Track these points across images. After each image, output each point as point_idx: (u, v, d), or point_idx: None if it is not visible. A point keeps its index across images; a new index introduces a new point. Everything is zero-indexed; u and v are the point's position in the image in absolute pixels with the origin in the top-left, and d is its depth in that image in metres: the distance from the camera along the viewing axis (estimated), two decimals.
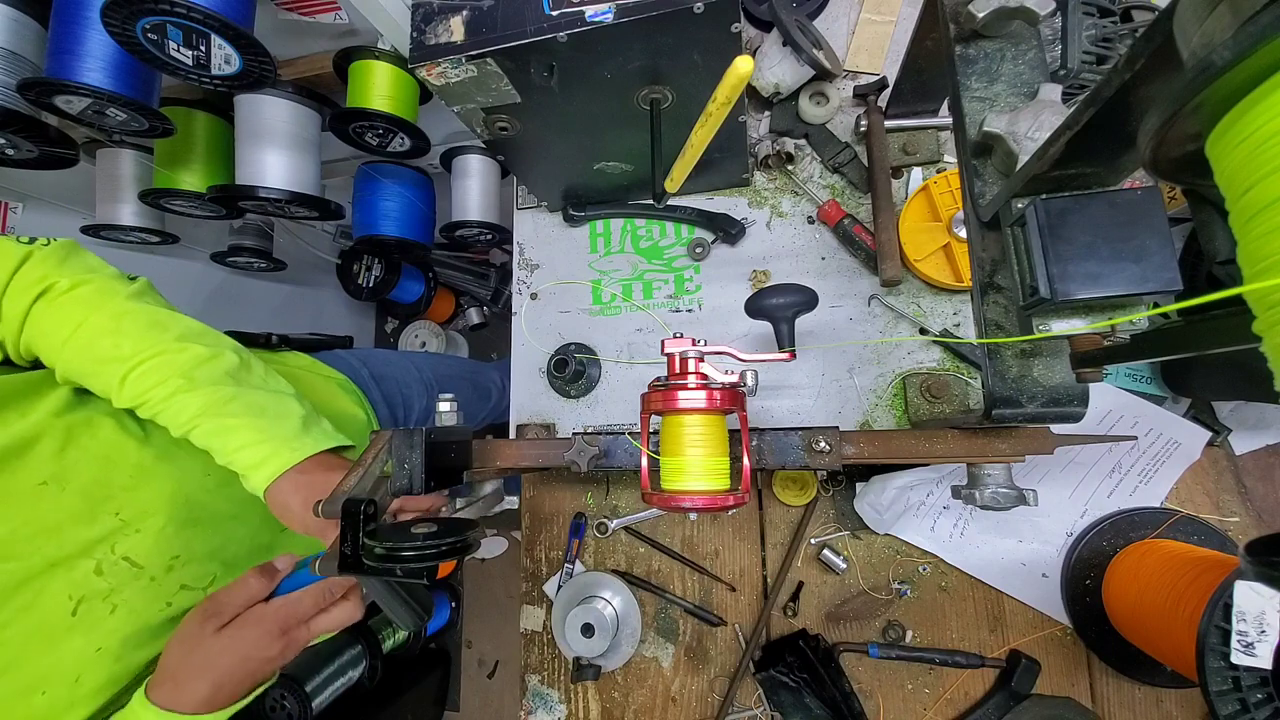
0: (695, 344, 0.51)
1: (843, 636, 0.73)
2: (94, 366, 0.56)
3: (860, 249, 0.77)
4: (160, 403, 0.56)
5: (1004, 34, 0.46)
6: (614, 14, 0.50)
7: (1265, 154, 0.18)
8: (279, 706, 1.38)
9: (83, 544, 0.54)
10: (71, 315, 0.56)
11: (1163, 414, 0.69)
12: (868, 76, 0.81)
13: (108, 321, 0.56)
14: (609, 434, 0.58)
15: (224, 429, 0.57)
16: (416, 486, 0.52)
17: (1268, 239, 0.19)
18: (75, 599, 0.53)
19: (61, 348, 0.56)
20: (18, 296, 0.55)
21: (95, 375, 0.57)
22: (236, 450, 0.57)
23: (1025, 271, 0.38)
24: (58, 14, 0.75)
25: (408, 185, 1.20)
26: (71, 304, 0.56)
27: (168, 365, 0.57)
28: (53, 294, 0.56)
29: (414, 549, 0.42)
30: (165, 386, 0.56)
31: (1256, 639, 0.45)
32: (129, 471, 0.58)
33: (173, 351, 0.57)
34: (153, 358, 0.56)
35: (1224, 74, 0.18)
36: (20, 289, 0.55)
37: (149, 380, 0.56)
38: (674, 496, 0.48)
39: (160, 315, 0.60)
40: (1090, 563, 0.67)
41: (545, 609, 0.83)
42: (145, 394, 0.56)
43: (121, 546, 0.56)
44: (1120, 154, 0.34)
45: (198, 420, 0.56)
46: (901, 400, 0.74)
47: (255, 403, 0.59)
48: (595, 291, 0.87)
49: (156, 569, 0.58)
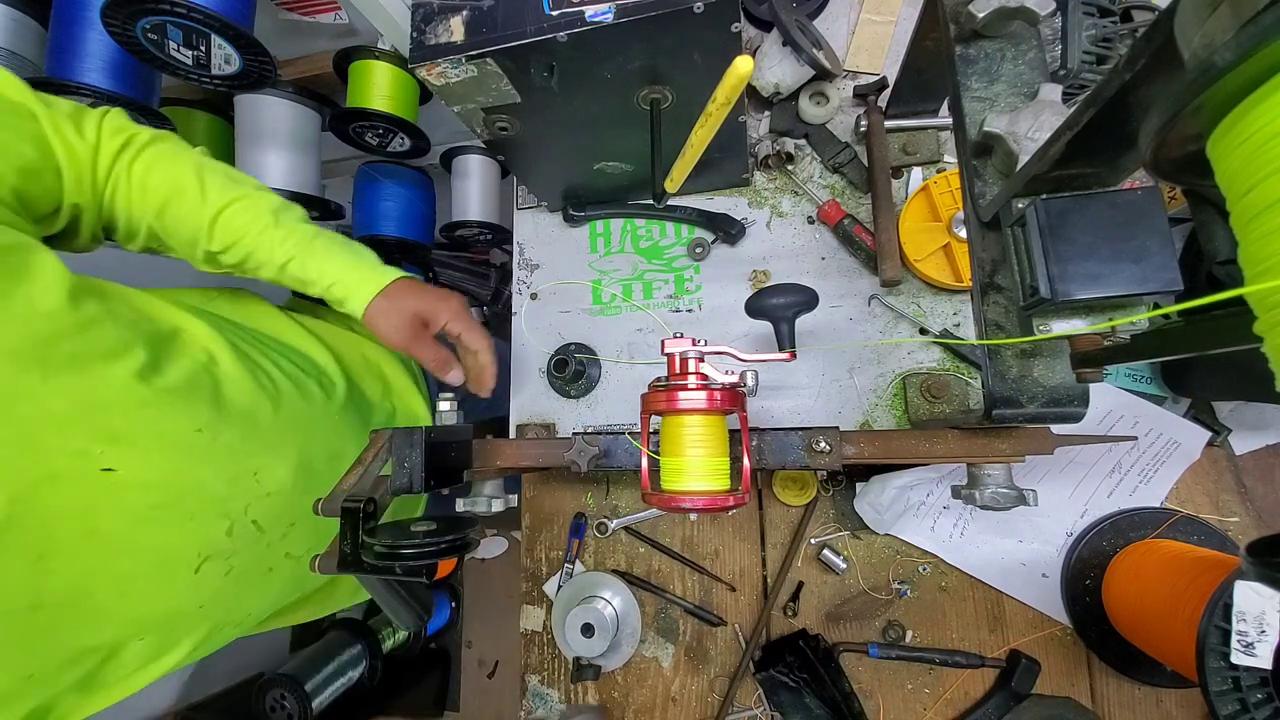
0: (695, 344, 0.51)
1: (843, 636, 0.73)
2: (182, 216, 0.59)
3: (860, 249, 0.77)
4: (253, 239, 0.60)
5: (1004, 34, 0.46)
6: (614, 14, 0.50)
7: (1266, 155, 0.18)
8: (279, 706, 1.38)
9: (221, 501, 0.54)
10: (159, 167, 0.59)
11: (1163, 414, 0.69)
12: (868, 76, 0.81)
13: (191, 173, 0.60)
14: (609, 434, 0.58)
15: (319, 259, 0.62)
16: (416, 486, 0.52)
17: (1268, 240, 0.19)
18: (202, 557, 0.53)
19: (153, 197, 0.59)
20: (106, 142, 0.57)
21: (183, 223, 0.60)
22: (335, 277, 0.62)
23: (1025, 271, 0.38)
24: (58, 14, 0.75)
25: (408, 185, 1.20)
26: (156, 157, 0.59)
27: (255, 207, 0.61)
28: (134, 146, 0.58)
29: (413, 547, 0.42)
30: (257, 224, 0.60)
31: (1256, 639, 0.45)
32: (265, 432, 0.60)
33: (255, 197, 0.62)
34: (240, 200, 0.60)
35: (1225, 75, 0.18)
36: (108, 135, 0.57)
37: (241, 220, 0.60)
38: (674, 497, 0.48)
39: (231, 170, 0.64)
40: (1090, 563, 0.67)
41: (545, 609, 0.83)
42: (239, 233, 0.60)
43: (254, 509, 0.57)
44: (1121, 154, 0.33)
45: (293, 253, 0.61)
46: (901, 400, 0.74)
47: (337, 239, 0.65)
48: (595, 291, 0.87)
49: (274, 535, 0.59)
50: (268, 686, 1.39)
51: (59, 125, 0.53)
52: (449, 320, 0.67)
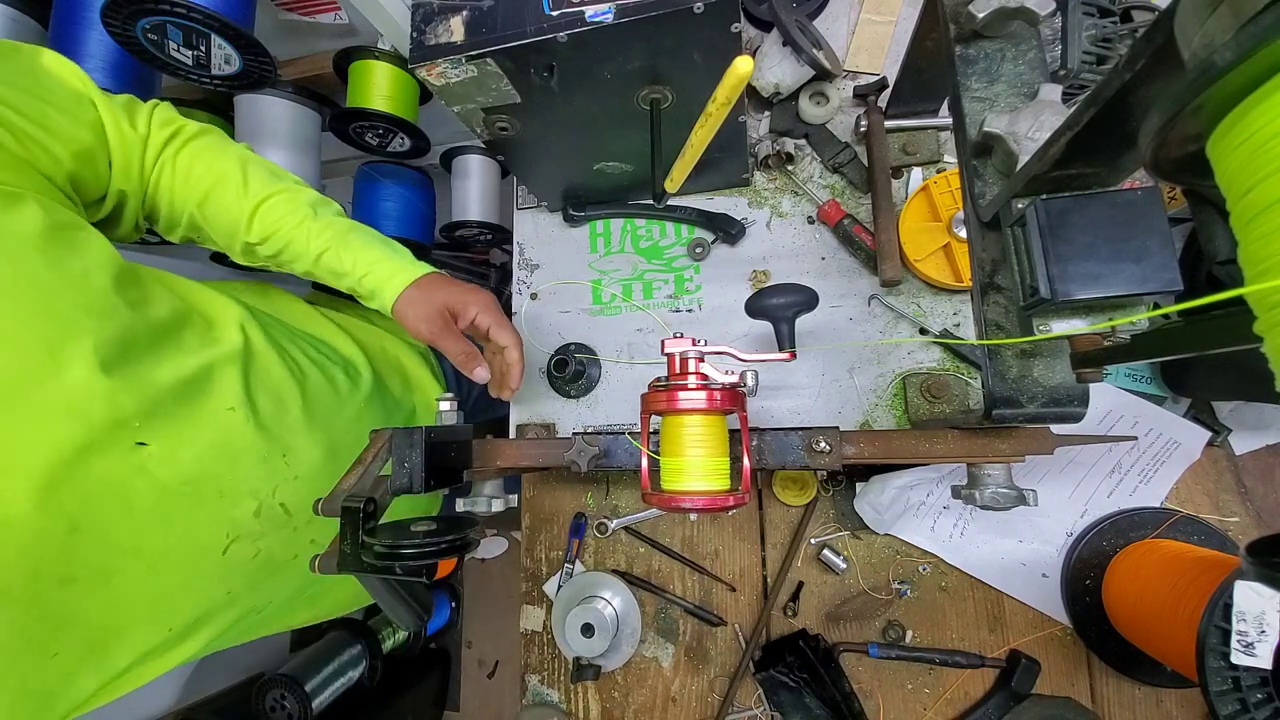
0: (695, 344, 0.51)
1: (843, 636, 0.73)
2: (224, 206, 0.62)
3: (860, 249, 0.77)
4: (291, 230, 0.63)
5: (1004, 34, 0.46)
6: (614, 14, 0.50)
7: (1266, 155, 0.18)
8: (279, 706, 1.38)
9: (252, 482, 0.55)
10: (203, 158, 0.61)
11: (1163, 414, 0.69)
12: (868, 76, 0.81)
13: (235, 165, 0.62)
14: (609, 434, 0.58)
15: (353, 251, 0.64)
16: (416, 486, 0.52)
17: (1269, 240, 0.19)
18: (231, 538, 0.54)
19: (196, 187, 0.61)
20: (155, 133, 0.59)
21: (224, 213, 0.62)
22: (368, 268, 0.64)
23: (1025, 271, 0.38)
24: (58, 14, 0.75)
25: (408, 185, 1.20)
26: (201, 149, 0.61)
27: (294, 200, 0.63)
28: (181, 137, 0.61)
29: (413, 547, 0.42)
30: (294, 216, 0.63)
31: (1256, 639, 0.45)
32: (295, 415, 0.61)
33: (295, 191, 0.64)
34: (280, 193, 0.63)
35: (1225, 75, 0.18)
36: (157, 126, 0.60)
37: (279, 211, 0.62)
38: (674, 497, 0.48)
39: (273, 165, 0.66)
40: (1090, 563, 0.67)
41: (545, 609, 0.83)
42: (276, 224, 0.62)
43: (282, 491, 0.58)
44: (1121, 154, 0.34)
45: (329, 244, 0.63)
46: (901, 400, 0.74)
47: (371, 233, 0.67)
48: (595, 291, 0.87)
49: (300, 520, 0.60)
50: (268, 686, 1.39)
51: (115, 114, 0.55)
52: (478, 312, 0.66)
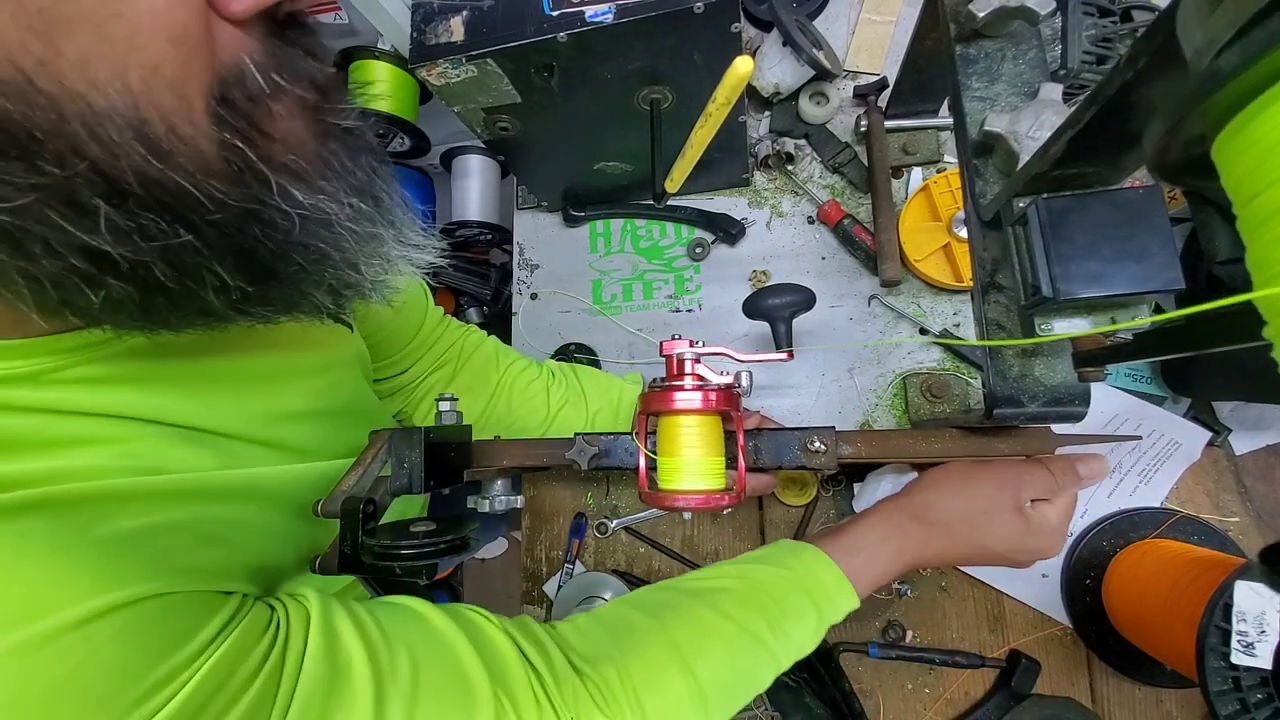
0: (693, 345, 0.51)
1: (842, 636, 0.73)
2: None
3: (860, 249, 0.77)
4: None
5: (1004, 34, 0.46)
6: (614, 14, 0.50)
7: (1273, 160, 0.18)
8: None
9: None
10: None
11: (1163, 414, 0.69)
12: (868, 76, 0.81)
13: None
14: (609, 434, 0.58)
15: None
16: (416, 486, 0.52)
17: (1277, 245, 0.19)
18: None
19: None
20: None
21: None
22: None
23: (1027, 270, 0.38)
24: None
25: (407, 185, 1.20)
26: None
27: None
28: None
29: (412, 547, 0.42)
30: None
31: (1256, 639, 0.45)
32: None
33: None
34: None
35: (1231, 80, 0.18)
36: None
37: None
38: (669, 496, 0.48)
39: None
40: (1090, 563, 0.67)
41: (545, 609, 0.82)
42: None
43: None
44: (1122, 153, 0.33)
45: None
46: (902, 400, 0.74)
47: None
48: (595, 291, 0.87)
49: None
50: None
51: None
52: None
